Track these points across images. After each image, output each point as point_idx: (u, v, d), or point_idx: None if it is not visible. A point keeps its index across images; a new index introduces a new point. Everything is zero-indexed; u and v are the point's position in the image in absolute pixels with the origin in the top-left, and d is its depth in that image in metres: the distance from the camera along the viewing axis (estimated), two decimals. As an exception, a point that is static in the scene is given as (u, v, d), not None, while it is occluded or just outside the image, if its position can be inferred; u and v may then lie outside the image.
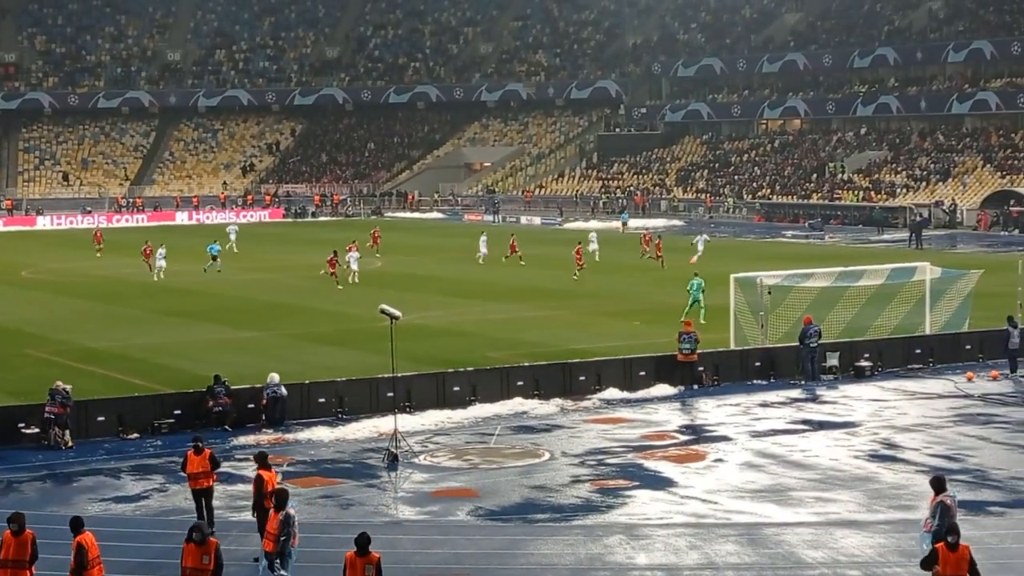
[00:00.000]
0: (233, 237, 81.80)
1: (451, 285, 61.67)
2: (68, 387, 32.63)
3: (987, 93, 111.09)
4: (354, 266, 62.39)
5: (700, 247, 68.25)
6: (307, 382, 35.84)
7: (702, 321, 45.62)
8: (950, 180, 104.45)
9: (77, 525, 19.65)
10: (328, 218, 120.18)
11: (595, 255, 70.56)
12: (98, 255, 78.26)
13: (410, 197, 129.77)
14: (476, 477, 29.21)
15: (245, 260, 76.12)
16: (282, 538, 20.98)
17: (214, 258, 68.46)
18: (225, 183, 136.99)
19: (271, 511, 21.36)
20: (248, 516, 25.00)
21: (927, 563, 18.91)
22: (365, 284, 61.04)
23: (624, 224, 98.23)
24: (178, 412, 33.76)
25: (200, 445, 25.18)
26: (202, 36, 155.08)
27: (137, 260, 69.15)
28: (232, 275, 67.62)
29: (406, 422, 33.07)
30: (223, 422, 33.59)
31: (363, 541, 19.18)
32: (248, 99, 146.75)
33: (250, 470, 29.33)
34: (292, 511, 21.28)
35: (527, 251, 72.59)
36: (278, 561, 20.99)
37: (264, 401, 34.20)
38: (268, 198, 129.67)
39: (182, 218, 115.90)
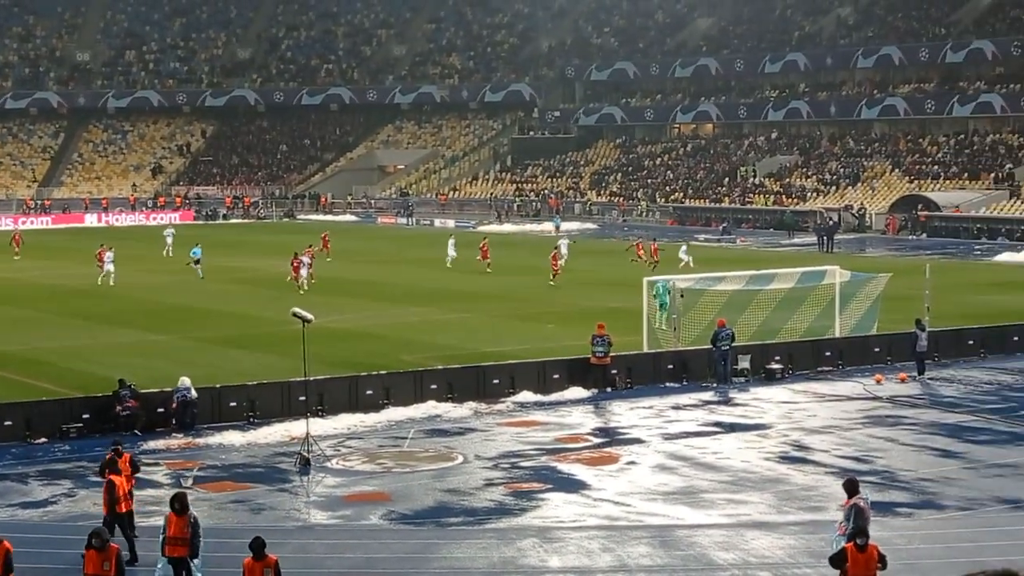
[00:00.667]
0: (170, 240, 79.58)
1: (365, 288, 61.46)
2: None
3: (895, 99, 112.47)
4: (304, 272, 60.82)
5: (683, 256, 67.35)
6: (218, 386, 35.56)
7: (663, 327, 45.03)
8: (859, 185, 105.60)
9: None
10: (240, 220, 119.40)
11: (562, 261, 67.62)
12: (16, 258, 76.85)
13: (323, 199, 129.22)
14: (389, 481, 29.13)
15: (156, 263, 75.40)
16: (195, 541, 20.84)
17: (196, 261, 66.94)
18: (135, 185, 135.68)
19: (172, 515, 21.10)
20: (157, 521, 24.74)
21: (836, 561, 19.15)
22: (276, 288, 60.59)
23: (557, 228, 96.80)
24: (86, 416, 33.37)
25: (120, 449, 24.98)
26: (112, 36, 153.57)
27: (41, 263, 68.14)
28: (141, 278, 66.97)
29: (318, 426, 32.92)
30: (132, 426, 33.23)
31: (258, 545, 19.11)
32: (158, 100, 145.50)
33: (160, 475, 29.12)
34: (195, 514, 21.17)
35: (439, 254, 72.44)
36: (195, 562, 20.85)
37: (174, 405, 33.90)
38: (179, 200, 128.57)
39: (91, 220, 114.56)
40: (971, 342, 44.21)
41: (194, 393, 34.00)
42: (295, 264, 61.33)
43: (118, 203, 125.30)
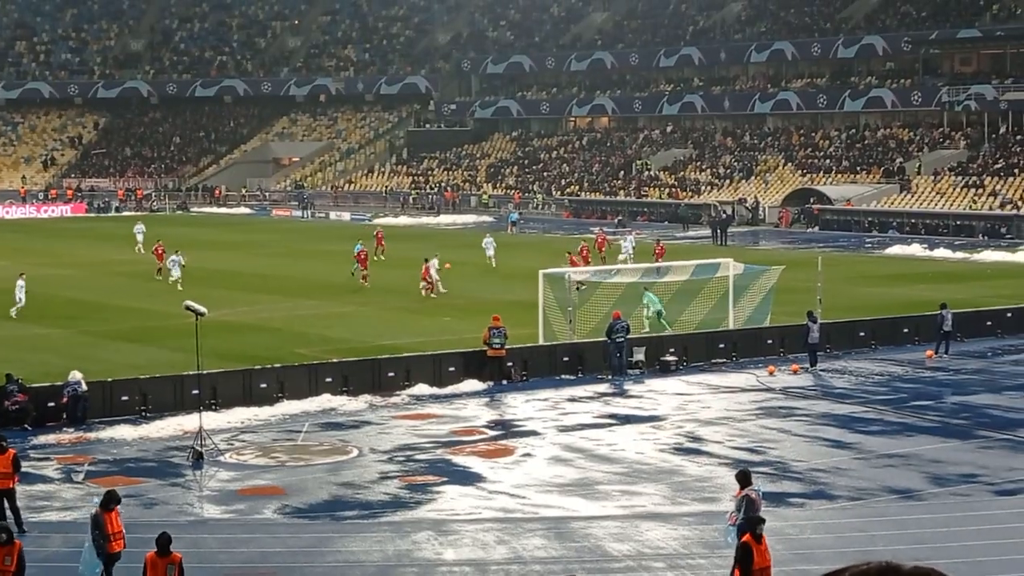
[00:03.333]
0: (140, 238, 75.49)
1: (258, 281, 61.02)
2: None
3: (788, 93, 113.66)
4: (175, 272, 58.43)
5: (629, 248, 66.75)
6: (110, 380, 35.14)
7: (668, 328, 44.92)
8: (753, 178, 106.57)
9: None
10: (132, 213, 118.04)
11: (492, 261, 65.00)
12: None
13: (217, 192, 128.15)
14: (283, 475, 28.95)
15: (45, 256, 74.34)
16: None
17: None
18: (24, 177, 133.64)
19: (109, 512, 20.92)
20: (49, 516, 24.47)
21: (743, 561, 19.14)
22: (166, 280, 59.96)
23: (513, 224, 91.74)
24: (-26, 411, 32.83)
25: (3, 444, 24.61)
26: (2, 27, 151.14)
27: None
28: (32, 271, 65.95)
29: (212, 420, 32.62)
30: (21, 420, 32.74)
31: (164, 541, 18.96)
32: (50, 92, 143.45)
33: (51, 469, 28.71)
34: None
35: (334, 247, 72.00)
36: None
37: (64, 399, 33.46)
38: (70, 193, 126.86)
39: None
40: (862, 334, 44.77)
41: (85, 387, 33.59)
42: (361, 256, 59.62)
43: (8, 195, 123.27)
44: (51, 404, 33.58)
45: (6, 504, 24.38)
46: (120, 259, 69.25)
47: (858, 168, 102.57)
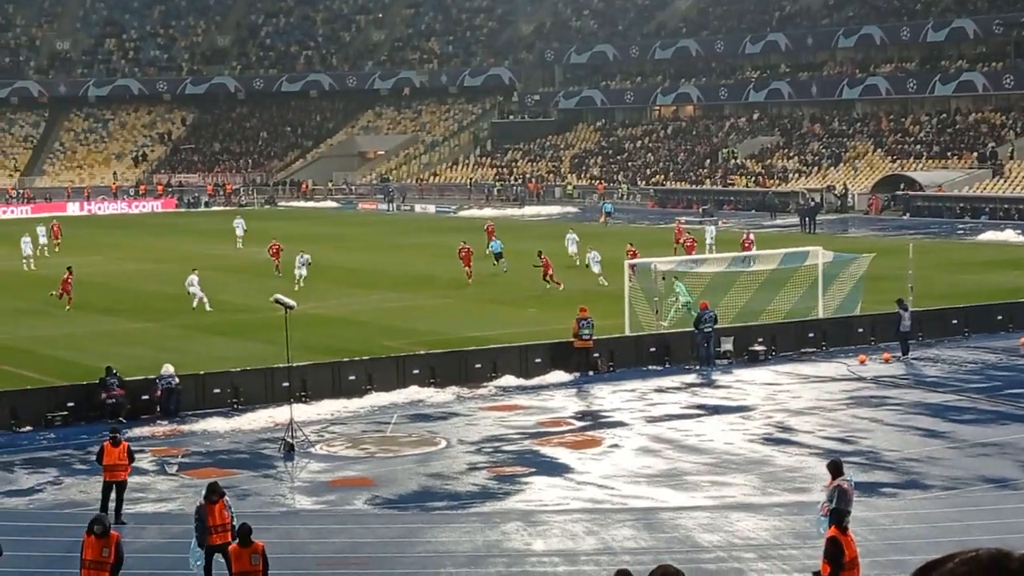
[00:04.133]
0: (240, 232, 75.99)
1: (346, 274, 61.35)
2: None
3: (877, 78, 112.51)
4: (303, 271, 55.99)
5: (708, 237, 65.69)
6: (202, 373, 35.51)
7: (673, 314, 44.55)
8: (841, 165, 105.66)
9: None
10: (222, 208, 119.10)
11: (575, 259, 61.63)
12: (56, 250, 72.46)
13: (304, 186, 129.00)
14: (373, 466, 29.11)
15: (137, 251, 75.18)
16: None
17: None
18: (116, 173, 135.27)
19: (212, 504, 21.15)
20: (144, 507, 24.79)
21: (833, 555, 18.88)
22: (254, 273, 60.43)
23: (607, 215, 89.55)
24: (71, 404, 33.32)
25: (118, 437, 25.08)
26: (91, 25, 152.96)
27: (18, 251, 67.64)
28: (123, 266, 66.82)
29: (302, 412, 32.86)
30: (117, 414, 33.15)
31: (245, 532, 19.18)
32: (139, 88, 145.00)
33: (145, 462, 29.02)
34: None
35: (420, 240, 72.33)
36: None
37: (158, 392, 33.86)
38: (160, 188, 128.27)
39: (73, 209, 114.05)
40: (955, 321, 44.27)
41: (177, 380, 33.96)
42: (464, 253, 57.24)
43: (99, 191, 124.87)
44: (145, 397, 33.99)
45: (113, 494, 24.67)
46: (211, 253, 69.85)
47: (949, 153, 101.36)
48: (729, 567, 21.42)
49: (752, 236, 63.48)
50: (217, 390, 34.79)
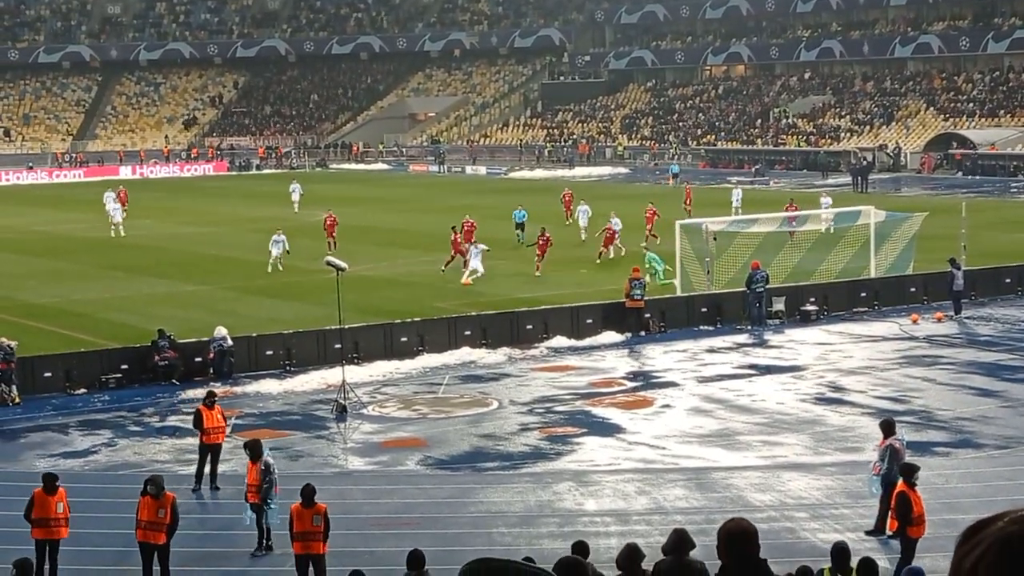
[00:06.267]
0: (296, 197, 74.67)
1: (397, 236, 61.46)
2: (12, 343, 32.41)
3: (929, 36, 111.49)
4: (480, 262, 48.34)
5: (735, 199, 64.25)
6: (254, 335, 35.72)
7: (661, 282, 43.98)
8: (893, 124, 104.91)
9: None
10: (273, 171, 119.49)
11: (583, 233, 57.18)
12: (124, 215, 68.52)
13: (355, 148, 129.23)
14: (425, 427, 29.24)
15: (188, 214, 75.57)
16: (264, 487, 21.05)
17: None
18: (167, 137, 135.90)
19: (248, 463, 21.40)
20: (194, 469, 25.01)
21: (903, 510, 18.84)
22: (309, 237, 60.58)
23: (674, 176, 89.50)
24: (125, 367, 33.61)
25: (213, 400, 25.13)
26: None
27: (77, 215, 68.34)
28: (176, 229, 67.20)
29: (354, 373, 33.03)
30: (170, 376, 33.44)
31: (308, 492, 19.31)
32: (190, 52, 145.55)
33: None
34: (270, 459, 21.41)
35: (470, 201, 72.27)
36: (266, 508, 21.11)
37: (211, 355, 34.08)
38: (212, 151, 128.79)
39: (126, 172, 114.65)
40: (1008, 280, 43.99)
41: (230, 342, 34.18)
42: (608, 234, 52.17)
43: (152, 155, 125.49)
44: (198, 359, 34.23)
45: (208, 458, 24.79)
46: (262, 216, 70.10)
47: (1002, 111, 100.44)
48: (781, 526, 21.45)
49: (796, 205, 60.87)
50: (270, 352, 34.99)
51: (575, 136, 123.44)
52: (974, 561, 2.20)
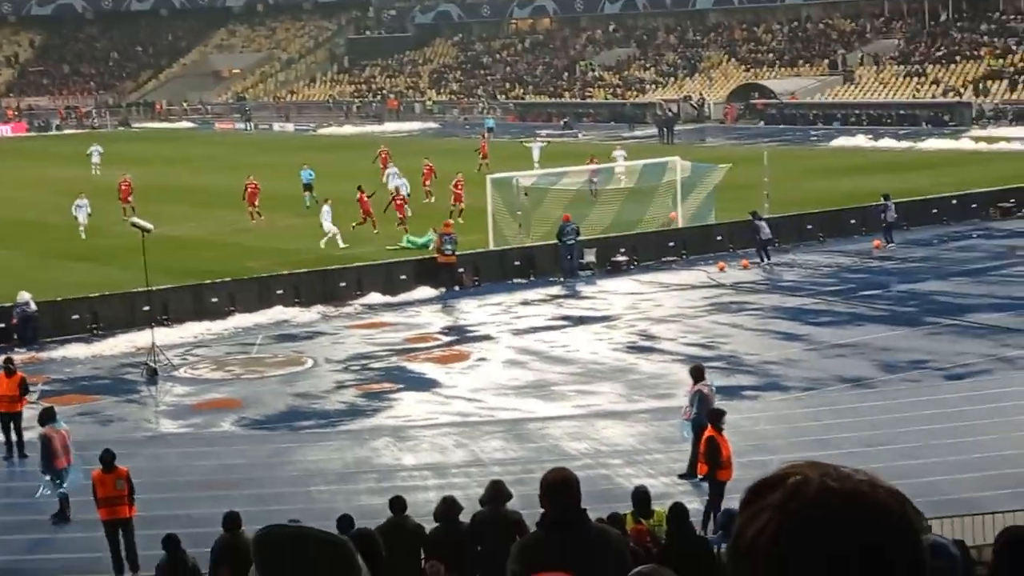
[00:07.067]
0: (96, 159, 72.14)
1: (204, 196, 60.55)
2: None
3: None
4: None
5: (536, 153, 65.49)
6: (59, 299, 34.95)
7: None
8: (697, 75, 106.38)
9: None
10: (74, 131, 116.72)
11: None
12: None
13: (158, 107, 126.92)
14: (239, 388, 28.98)
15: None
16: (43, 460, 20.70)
17: (308, 187, 56.64)
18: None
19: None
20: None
21: (713, 454, 19.28)
22: (109, 199, 59.35)
23: (490, 131, 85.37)
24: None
25: (11, 368, 24.42)
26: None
27: None
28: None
29: (164, 336, 32.56)
30: (-27, 344, 32.58)
31: (108, 457, 19.10)
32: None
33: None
34: (51, 431, 20.95)
35: (279, 159, 71.54)
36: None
37: (14, 320, 33.28)
38: (10, 113, 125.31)
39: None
40: (810, 227, 45.01)
41: (34, 307, 33.40)
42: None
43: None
44: (1, 325, 33.40)
45: (12, 428, 24.19)
46: (62, 177, 68.50)
47: (801, 61, 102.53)
48: (597, 473, 21.72)
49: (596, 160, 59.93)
50: (76, 316, 34.29)
51: (384, 91, 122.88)
52: (755, 532, 2.24)
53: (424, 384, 28.66)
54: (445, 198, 50.34)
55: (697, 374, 21.93)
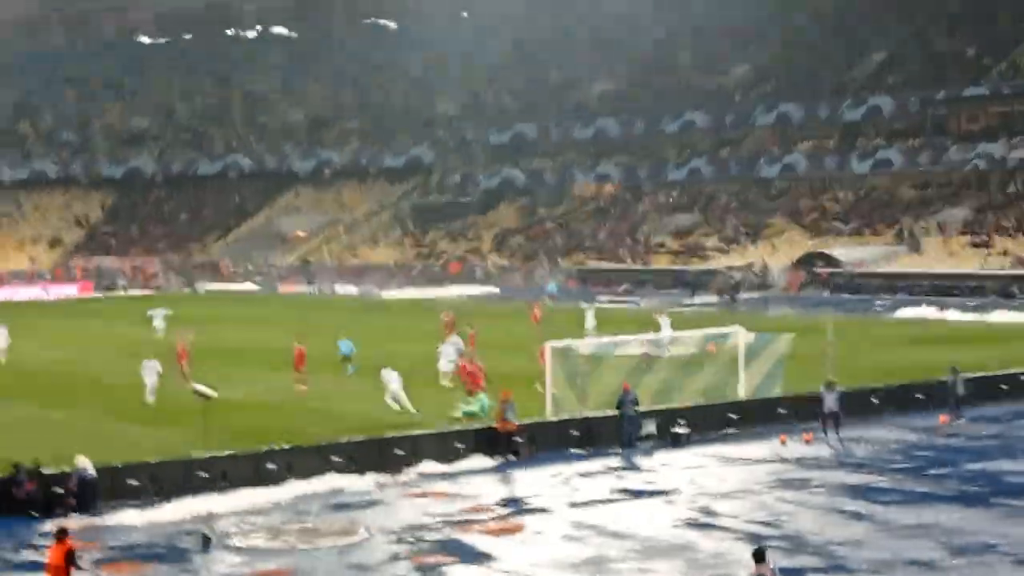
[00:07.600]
0: (159, 323, 71.71)
1: (262, 357, 60.51)
2: None
3: (795, 155, 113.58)
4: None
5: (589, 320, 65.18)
6: (118, 464, 34.71)
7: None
8: (760, 242, 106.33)
9: None
10: (139, 291, 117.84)
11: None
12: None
13: (223, 268, 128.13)
14: (292, 559, 28.51)
15: (50, 336, 74.03)
16: None
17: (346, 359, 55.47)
18: (31, 258, 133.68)
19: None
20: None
21: None
22: (174, 359, 59.40)
23: (551, 297, 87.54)
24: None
25: (61, 536, 24.12)
26: (4, 106, 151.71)
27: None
28: (38, 352, 65.67)
29: (220, 502, 32.22)
30: (30, 509, 32.32)
31: None
32: (55, 171, 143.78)
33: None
34: None
35: (343, 321, 71.68)
36: None
37: (72, 485, 33.03)
38: (79, 271, 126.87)
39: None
40: (875, 400, 44.30)
41: (92, 471, 33.17)
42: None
43: (15, 276, 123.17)
44: (58, 490, 33.12)
45: None
46: (128, 337, 68.86)
47: (867, 230, 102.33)
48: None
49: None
50: (133, 481, 33.99)
51: (446, 255, 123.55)
52: None
53: (478, 557, 28.10)
54: (495, 364, 50.02)
55: (759, 557, 21.34)
